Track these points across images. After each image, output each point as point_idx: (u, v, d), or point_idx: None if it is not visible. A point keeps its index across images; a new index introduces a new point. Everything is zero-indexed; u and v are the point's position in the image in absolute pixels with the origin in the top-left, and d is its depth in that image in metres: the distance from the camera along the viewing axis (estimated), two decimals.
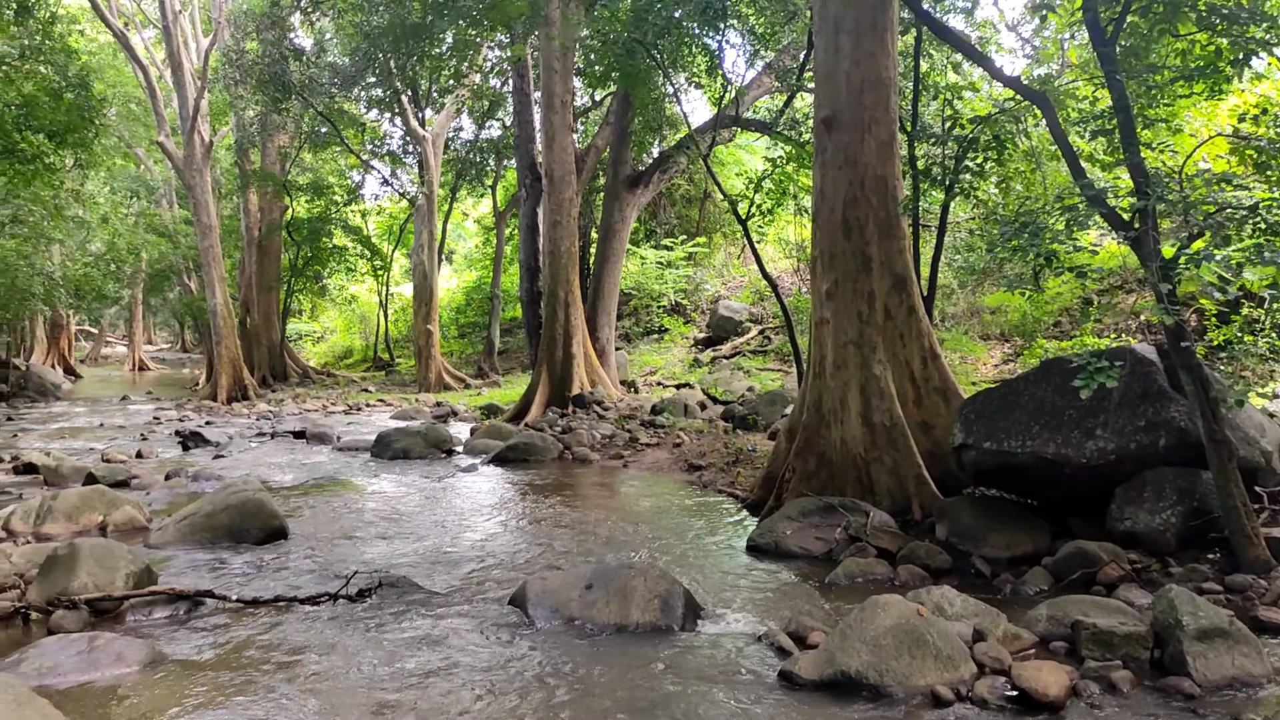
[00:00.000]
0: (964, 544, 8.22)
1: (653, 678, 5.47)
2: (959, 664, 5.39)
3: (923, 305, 10.00)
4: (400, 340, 42.67)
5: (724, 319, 27.79)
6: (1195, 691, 5.18)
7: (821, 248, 9.95)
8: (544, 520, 9.99)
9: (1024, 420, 8.26)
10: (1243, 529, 7.06)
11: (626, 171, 21.96)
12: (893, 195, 9.76)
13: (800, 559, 8.34)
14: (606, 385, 19.86)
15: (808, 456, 9.79)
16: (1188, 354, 6.78)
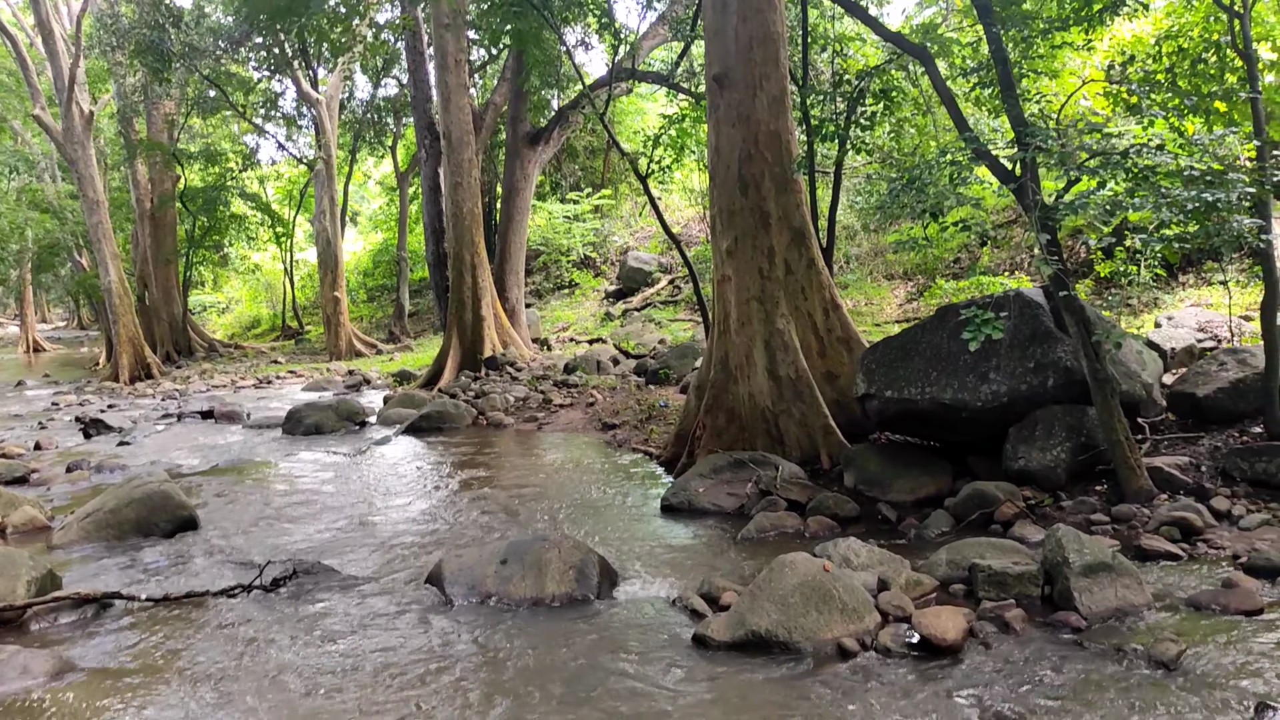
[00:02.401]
0: (871, 490, 8.49)
1: (569, 650, 5.57)
2: (864, 615, 5.60)
3: (822, 257, 10.18)
4: (308, 307, 41.83)
5: (634, 270, 27.82)
6: (1082, 624, 5.48)
7: (720, 206, 10.03)
8: (460, 491, 10.01)
9: (922, 367, 8.52)
10: (1126, 461, 7.41)
11: (526, 128, 21.74)
12: (787, 150, 9.86)
13: (713, 516, 8.51)
14: (518, 345, 19.81)
15: (717, 413, 9.95)
16: (1070, 302, 7.04)
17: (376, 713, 4.86)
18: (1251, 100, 7.96)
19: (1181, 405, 8.77)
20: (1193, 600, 5.76)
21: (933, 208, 6.61)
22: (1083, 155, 6.92)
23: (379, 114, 34.69)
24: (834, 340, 9.95)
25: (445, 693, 5.07)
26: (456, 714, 4.81)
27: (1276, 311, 7.60)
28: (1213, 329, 11.56)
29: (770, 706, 4.76)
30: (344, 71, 29.49)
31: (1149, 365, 8.73)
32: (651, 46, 21.03)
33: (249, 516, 9.27)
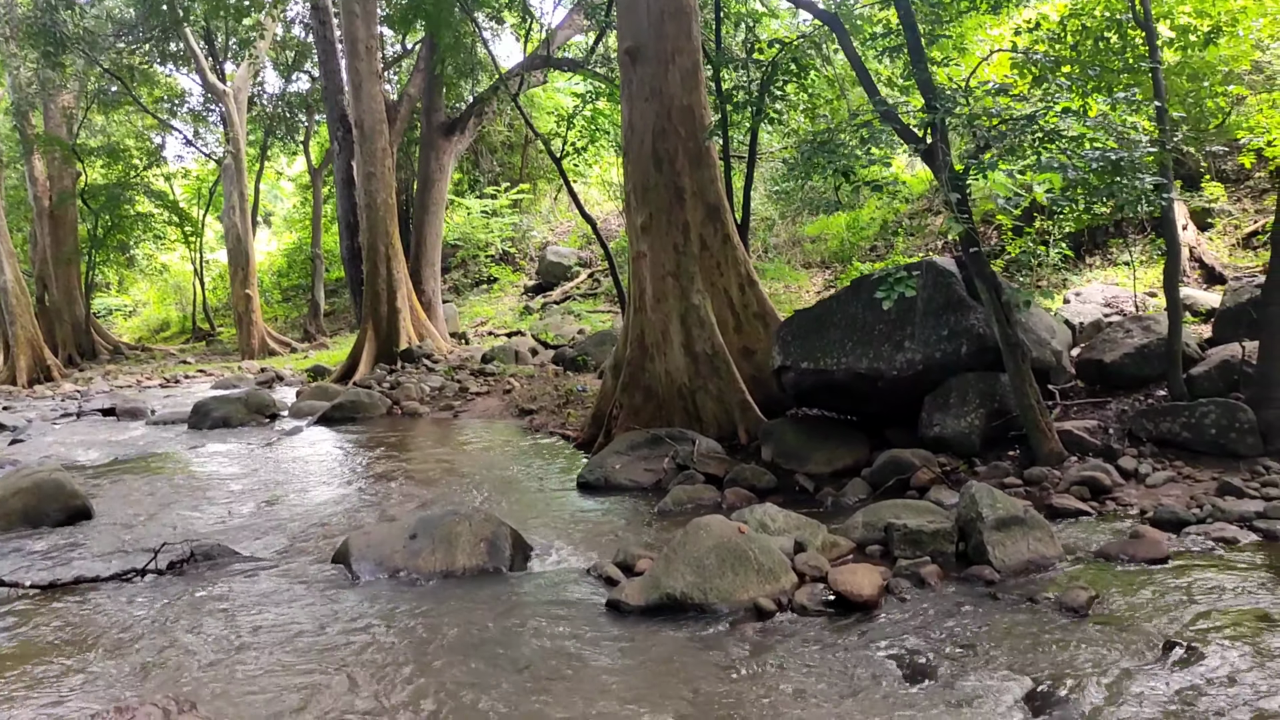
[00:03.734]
0: (788, 463, 8.43)
1: (480, 618, 5.39)
2: (780, 576, 5.52)
3: (737, 233, 10.12)
4: (220, 309, 40.65)
5: (553, 264, 27.59)
6: (995, 577, 5.48)
7: (634, 181, 9.92)
8: (372, 476, 9.73)
9: (838, 338, 8.50)
10: (1038, 425, 7.47)
11: (441, 119, 21.39)
12: (701, 125, 9.79)
13: (630, 492, 8.39)
14: (435, 338, 19.47)
15: (634, 391, 9.83)
16: (980, 260, 7.07)
17: (280, 680, 4.62)
18: (1152, 70, 8.11)
19: (1089, 372, 8.90)
20: (1102, 552, 5.81)
21: (844, 168, 6.57)
22: (991, 120, 6.95)
23: (290, 109, 33.90)
24: (750, 316, 9.90)
25: (353, 659, 4.85)
26: (366, 679, 4.60)
27: (1178, 275, 7.74)
28: (1118, 304, 11.80)
29: (686, 666, 4.65)
30: (253, 65, 28.74)
31: (1058, 333, 8.84)
32: (568, 36, 20.86)
33: (148, 506, 8.88)
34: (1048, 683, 4.20)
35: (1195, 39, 9.79)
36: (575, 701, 4.30)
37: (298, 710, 4.30)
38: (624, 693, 4.38)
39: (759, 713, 4.12)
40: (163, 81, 32.49)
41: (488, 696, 4.37)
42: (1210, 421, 7.27)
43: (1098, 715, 3.89)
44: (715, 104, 10.51)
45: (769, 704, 4.20)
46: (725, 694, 4.32)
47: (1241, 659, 4.25)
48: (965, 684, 4.28)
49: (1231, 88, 11.59)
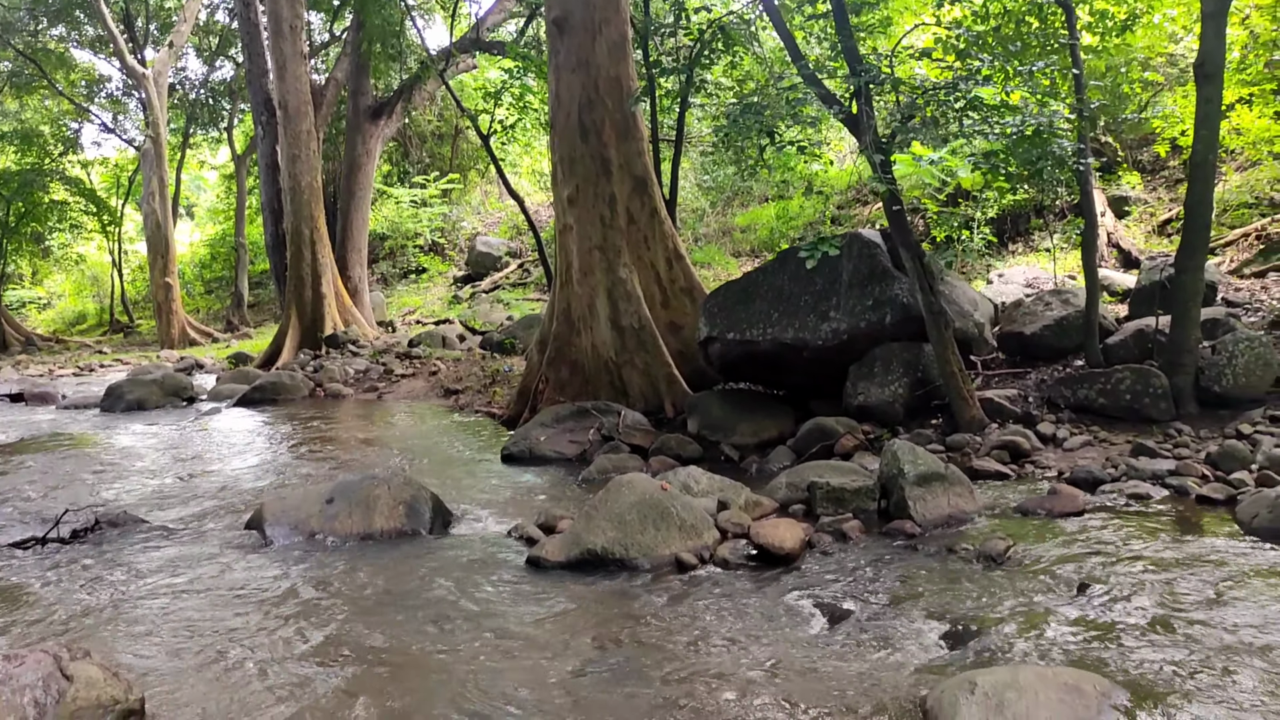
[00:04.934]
0: (714, 435, 8.39)
1: (395, 575, 5.26)
2: (702, 532, 5.47)
3: (665, 207, 10.07)
4: (140, 301, 39.47)
5: (482, 255, 27.32)
6: (916, 531, 5.49)
7: (561, 153, 9.81)
8: (292, 453, 9.49)
9: (764, 309, 8.49)
10: (960, 392, 7.54)
11: (368, 102, 21.04)
12: (628, 97, 9.72)
13: (555, 462, 8.29)
14: (362, 325, 19.13)
15: (560, 365, 9.73)
16: (901, 220, 7.11)
17: (183, 632, 4.44)
18: (1070, 46, 8.23)
19: (1011, 344, 9.03)
20: (1020, 507, 5.86)
21: (768, 128, 6.56)
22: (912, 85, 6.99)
23: (214, 96, 33.10)
24: (677, 291, 9.87)
25: (258, 612, 4.69)
26: (271, 629, 4.44)
27: (1095, 246, 7.87)
28: (1039, 285, 12.01)
29: (605, 617, 4.57)
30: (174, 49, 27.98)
31: (980, 306, 8.95)
32: (499, 20, 20.65)
33: (53, 480, 8.53)
34: (965, 622, 4.21)
35: (1112, 24, 9.98)
36: (487, 649, 4.20)
37: (197, 656, 4.13)
38: (538, 639, 4.29)
39: (675, 654, 4.06)
40: (80, 66, 31.49)
41: (398, 644, 4.26)
42: (1125, 387, 7.40)
43: (1012, 647, 3.90)
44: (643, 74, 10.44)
45: (686, 646, 4.14)
46: (642, 637, 4.26)
47: (1147, 597, 4.31)
48: (885, 626, 4.27)
49: (1147, 74, 11.89)
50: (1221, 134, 13.29)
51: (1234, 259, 12.37)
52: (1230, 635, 3.87)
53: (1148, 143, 15.35)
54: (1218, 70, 7.22)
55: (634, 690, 3.73)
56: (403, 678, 3.90)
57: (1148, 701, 3.35)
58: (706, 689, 3.72)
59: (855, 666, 3.89)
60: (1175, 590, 4.38)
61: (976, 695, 3.31)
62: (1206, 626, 3.95)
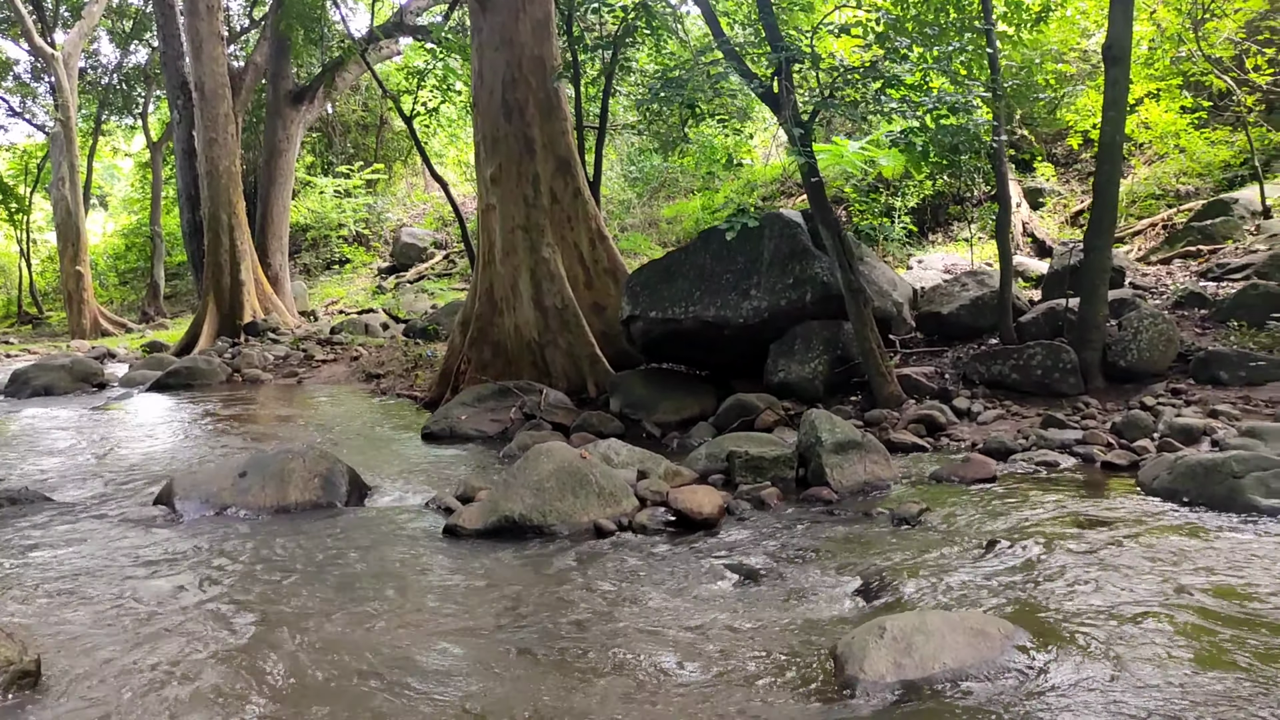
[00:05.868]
0: (636, 413, 8.39)
1: (310, 545, 5.15)
2: (621, 500, 5.46)
3: (588, 188, 10.04)
4: (50, 293, 38.23)
5: (408, 246, 26.99)
6: (834, 497, 5.56)
7: (484, 132, 9.73)
8: (207, 434, 9.25)
9: (686, 288, 8.52)
10: (878, 368, 7.65)
11: (289, 86, 20.60)
12: (552, 76, 9.67)
13: (476, 440, 8.21)
14: (283, 313, 18.74)
15: (482, 346, 9.65)
16: (820, 193, 7.18)
17: (82, 601, 4.30)
18: (986, 31, 8.39)
19: (929, 324, 9.18)
20: (935, 475, 5.97)
21: (690, 99, 6.58)
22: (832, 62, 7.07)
23: (128, 82, 32.16)
24: (600, 271, 9.85)
25: (164, 582, 4.55)
26: (175, 597, 4.32)
27: (1009, 225, 8.04)
28: (957, 270, 12.23)
29: (521, 580, 4.53)
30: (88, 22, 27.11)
31: (899, 287, 9.08)
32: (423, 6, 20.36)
33: None
34: (878, 577, 4.26)
35: (1027, 16, 10.21)
36: (399, 613, 4.14)
37: (98, 622, 4.01)
38: (452, 603, 4.25)
39: (590, 613, 4.05)
40: None
41: (308, 609, 4.17)
42: (1037, 363, 7.57)
43: (923, 598, 3.96)
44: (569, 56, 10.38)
45: (603, 605, 4.13)
46: (557, 598, 4.23)
47: (1051, 551, 4.42)
48: (801, 582, 4.31)
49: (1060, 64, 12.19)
50: (1130, 128, 13.72)
51: (1142, 247, 12.75)
52: (1127, 583, 3.97)
53: (1061, 137, 15.76)
54: (1125, 53, 7.43)
55: (548, 648, 3.70)
56: (311, 642, 3.81)
57: (1048, 642, 3.43)
58: (623, 644, 3.71)
59: (770, 620, 3.91)
60: (1078, 545, 4.49)
61: (885, 639, 3.35)
62: (1106, 576, 4.06)
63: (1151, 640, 3.43)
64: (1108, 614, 3.68)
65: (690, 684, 3.35)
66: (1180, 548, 4.40)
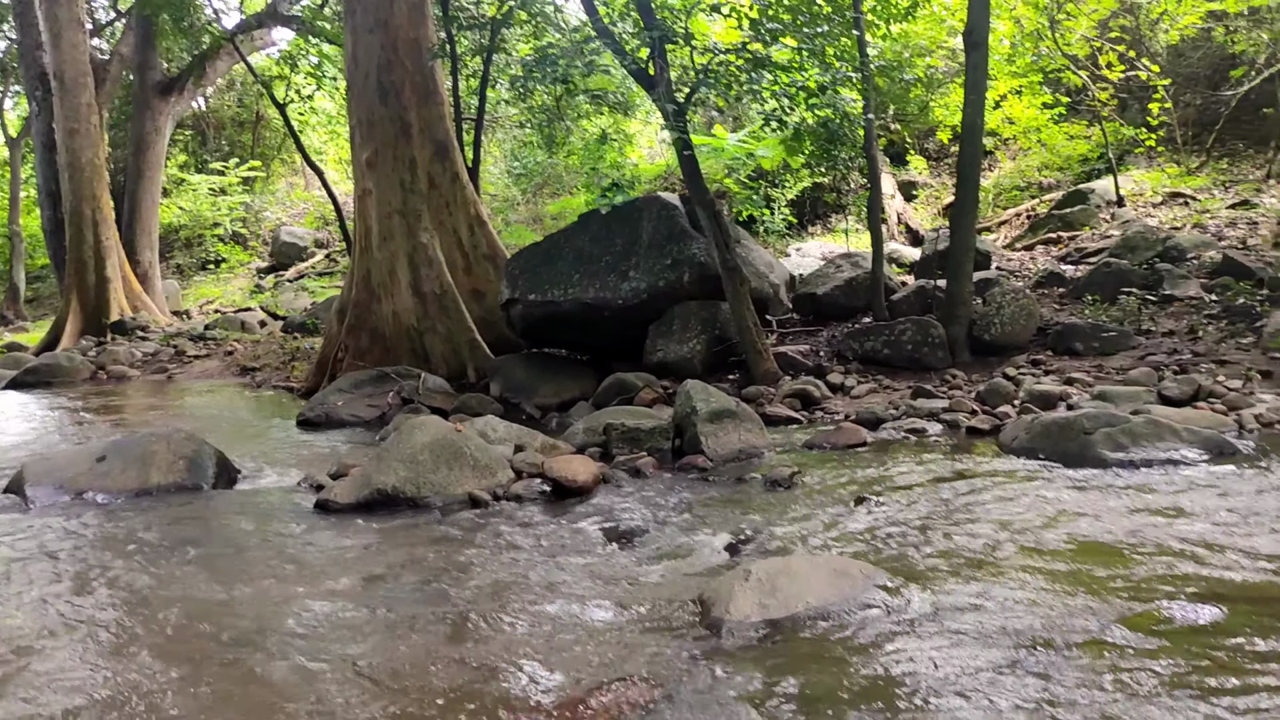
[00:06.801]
0: (516, 397, 8.35)
1: (172, 525, 4.97)
2: (497, 472, 5.42)
3: (467, 173, 9.95)
4: None
5: (287, 245, 26.31)
6: (709, 465, 5.62)
7: (359, 116, 9.55)
8: (65, 427, 8.85)
9: (566, 271, 8.51)
10: (755, 346, 7.77)
11: (157, 77, 19.84)
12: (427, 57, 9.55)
13: (353, 426, 8.06)
14: (153, 312, 18.05)
15: (360, 333, 9.47)
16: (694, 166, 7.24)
17: None
18: (855, 19, 8.61)
19: (805, 305, 9.38)
20: (808, 443, 6.10)
21: (563, 76, 6.58)
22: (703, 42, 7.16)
23: None
24: (480, 257, 9.77)
25: (18, 567, 4.33)
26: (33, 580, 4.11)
27: (880, 205, 8.26)
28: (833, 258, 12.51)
29: (394, 548, 4.46)
30: None
31: (776, 269, 9.25)
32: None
33: None
34: (749, 533, 4.33)
35: (895, 10, 10.50)
36: (270, 580, 4.03)
37: None
38: (323, 570, 4.16)
39: (462, 577, 4.01)
40: None
41: (169, 586, 4.02)
42: (907, 338, 7.80)
43: (792, 548, 4.04)
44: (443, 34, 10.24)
45: (476, 568, 4.10)
46: (429, 564, 4.18)
47: (916, 504, 4.58)
48: (673, 541, 4.34)
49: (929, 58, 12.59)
50: (995, 123, 14.27)
51: (1008, 235, 13.27)
52: (983, 528, 4.13)
53: (932, 132, 16.28)
54: (984, 39, 7.72)
55: (424, 607, 3.65)
56: (171, 618, 3.67)
57: (909, 581, 3.53)
58: (499, 600, 3.69)
59: (642, 574, 3.94)
60: (941, 498, 4.65)
61: (750, 581, 3.40)
62: (964, 523, 4.21)
63: (1003, 576, 3.57)
64: (965, 555, 3.81)
65: (563, 633, 3.35)
66: (1033, 498, 4.59)
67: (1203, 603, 3.24)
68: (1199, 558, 3.65)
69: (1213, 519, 4.12)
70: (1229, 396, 6.29)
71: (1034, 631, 3.04)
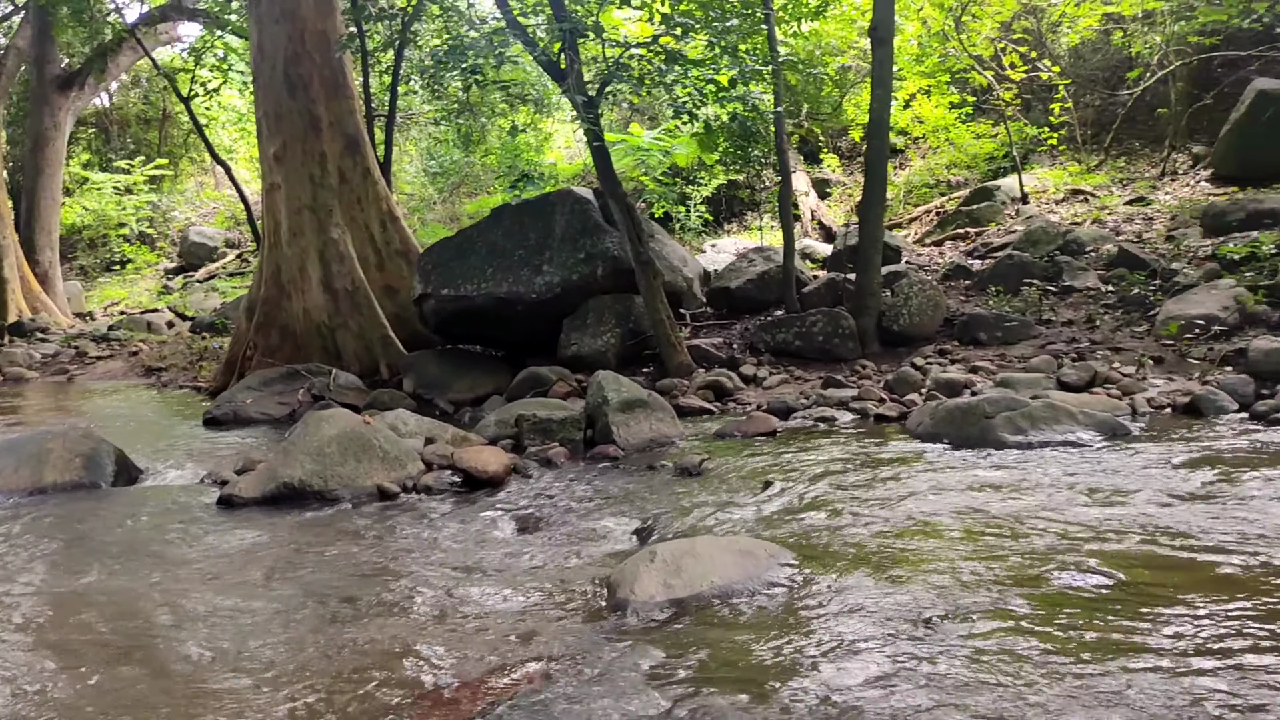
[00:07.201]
0: (430, 393, 8.27)
1: (67, 522, 4.81)
2: (407, 464, 5.36)
3: (379, 169, 9.83)
4: None
5: (196, 245, 25.69)
6: (620, 454, 5.64)
7: (266, 108, 9.36)
8: None
9: (479, 265, 8.46)
10: (668, 339, 7.81)
11: (56, 71, 19.20)
12: (338, 53, 9.40)
13: (262, 424, 7.90)
14: (54, 313, 17.48)
15: (269, 331, 9.29)
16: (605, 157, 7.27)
17: None
18: (766, 15, 8.71)
19: (719, 299, 9.45)
20: (719, 432, 6.15)
21: (473, 66, 6.54)
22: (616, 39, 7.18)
23: None
24: (393, 253, 9.66)
25: None
26: None
27: (790, 198, 8.37)
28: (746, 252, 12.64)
29: (300, 540, 4.39)
30: None
31: (690, 264, 9.30)
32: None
33: None
34: (658, 518, 4.35)
35: (806, 9, 10.66)
36: (172, 574, 3.94)
37: None
38: (227, 564, 4.07)
39: (371, 563, 3.97)
40: None
41: (63, 582, 3.90)
42: (818, 330, 7.92)
43: (700, 531, 4.07)
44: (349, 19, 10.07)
45: (384, 557, 4.06)
46: (338, 553, 4.13)
47: (822, 486, 4.65)
48: (583, 528, 4.35)
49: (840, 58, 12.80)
50: (905, 122, 14.56)
51: (917, 231, 13.55)
52: (887, 508, 4.22)
53: (845, 131, 16.55)
54: (889, 35, 7.87)
55: (331, 596, 3.60)
56: (60, 615, 3.55)
57: (814, 559, 3.59)
58: (408, 588, 3.65)
59: (550, 561, 3.93)
60: (847, 481, 4.73)
61: (655, 563, 3.43)
62: (868, 504, 4.29)
63: (904, 552, 3.65)
64: (868, 534, 3.88)
65: (468, 619, 3.33)
66: (935, 480, 4.69)
67: (1091, 573, 3.34)
68: (1089, 532, 3.77)
69: (1103, 495, 4.26)
70: (1123, 382, 6.51)
71: (932, 603, 3.10)
